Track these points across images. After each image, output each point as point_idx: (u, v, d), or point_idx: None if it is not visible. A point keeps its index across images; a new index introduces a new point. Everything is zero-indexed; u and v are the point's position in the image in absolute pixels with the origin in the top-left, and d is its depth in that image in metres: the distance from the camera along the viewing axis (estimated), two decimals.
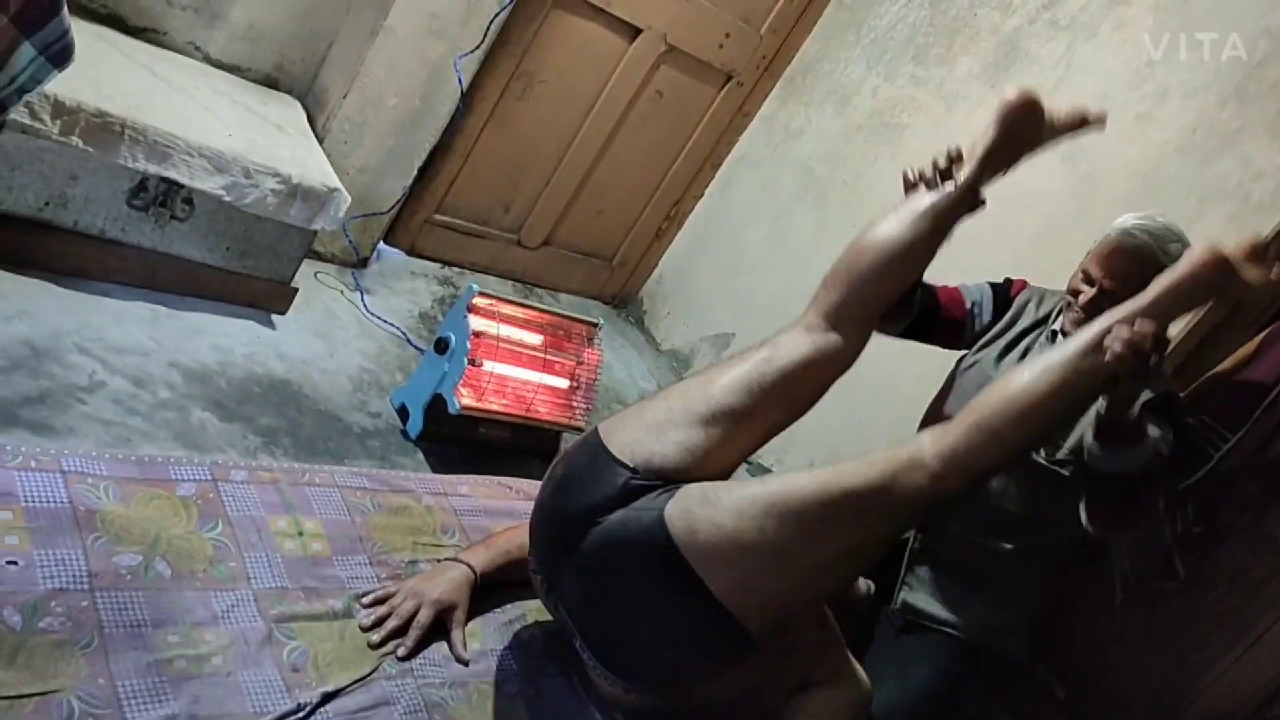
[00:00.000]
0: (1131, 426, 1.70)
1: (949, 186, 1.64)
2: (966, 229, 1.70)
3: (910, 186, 1.70)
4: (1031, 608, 2.02)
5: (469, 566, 1.67)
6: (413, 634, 1.56)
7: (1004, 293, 2.09)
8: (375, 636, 1.54)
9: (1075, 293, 1.90)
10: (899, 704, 1.82)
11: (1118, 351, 1.41)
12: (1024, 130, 1.65)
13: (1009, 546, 1.96)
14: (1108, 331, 1.43)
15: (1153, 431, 1.77)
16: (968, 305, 2.06)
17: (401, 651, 1.54)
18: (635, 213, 3.78)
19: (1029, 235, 2.80)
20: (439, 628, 1.60)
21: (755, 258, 3.66)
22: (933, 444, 1.40)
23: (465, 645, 1.60)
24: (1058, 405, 1.44)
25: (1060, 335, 1.93)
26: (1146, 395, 1.76)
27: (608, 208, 3.68)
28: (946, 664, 1.94)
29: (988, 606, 1.98)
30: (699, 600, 1.39)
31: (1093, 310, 1.79)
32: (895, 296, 1.68)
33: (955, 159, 1.66)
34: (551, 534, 1.54)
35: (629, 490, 1.46)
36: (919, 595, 2.00)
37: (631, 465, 1.48)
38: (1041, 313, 2.03)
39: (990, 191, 1.68)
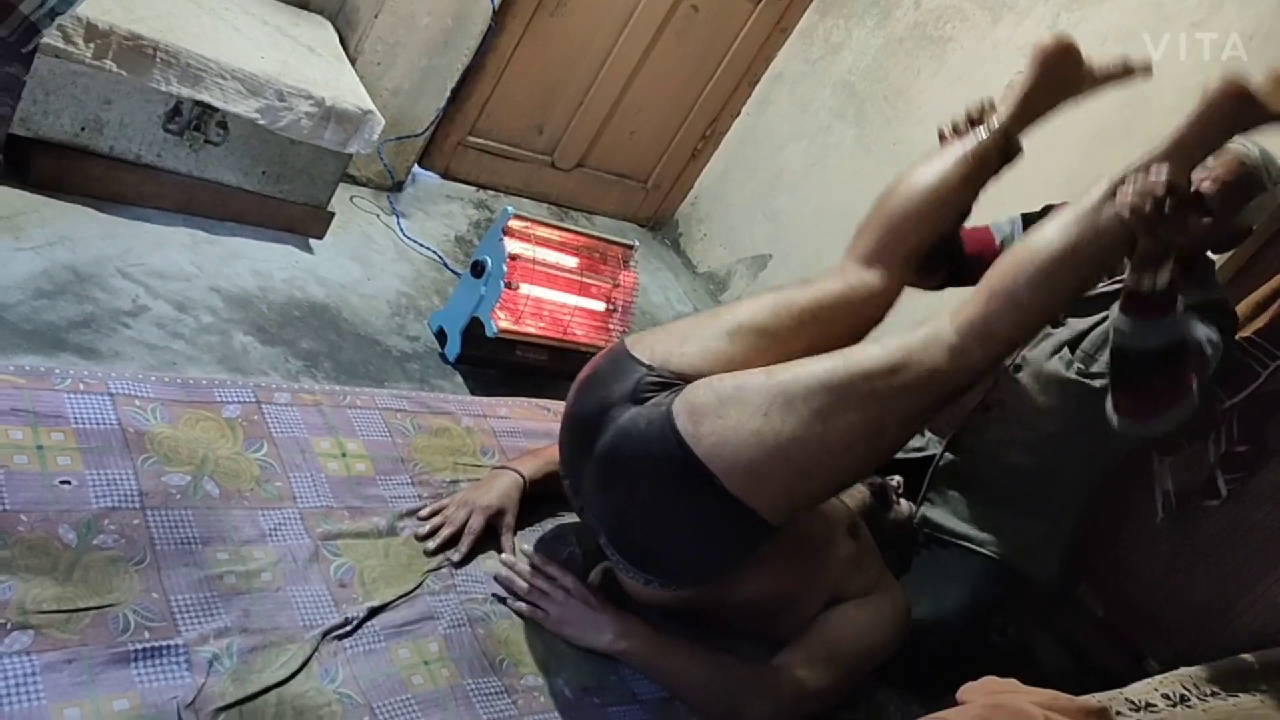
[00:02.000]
0: (1157, 296, 1.57)
1: (980, 134, 1.64)
2: None
3: (945, 139, 1.69)
4: (1061, 527, 2.00)
5: (518, 473, 1.69)
6: (465, 540, 1.58)
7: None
8: (431, 544, 1.56)
9: None
10: (933, 620, 1.82)
11: (1128, 201, 1.32)
12: (1060, 76, 1.63)
13: (1039, 463, 1.94)
14: (1121, 182, 1.35)
15: (1197, 330, 1.69)
16: (997, 243, 1.98)
17: (455, 557, 1.56)
18: (670, 133, 3.73)
19: (1077, 151, 2.73)
20: (491, 534, 1.63)
21: (793, 177, 3.60)
22: (951, 317, 1.38)
23: (515, 550, 1.62)
24: (1075, 265, 1.37)
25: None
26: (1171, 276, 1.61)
27: (642, 128, 3.63)
28: (981, 582, 1.93)
29: (1014, 524, 1.96)
30: (709, 492, 1.38)
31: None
32: (930, 242, 1.64)
33: (987, 108, 1.65)
34: (572, 435, 1.55)
35: (643, 387, 1.47)
36: (939, 510, 1.99)
37: (649, 363, 1.49)
38: None
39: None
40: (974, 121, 1.66)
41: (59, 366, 1.51)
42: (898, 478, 1.94)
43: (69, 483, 1.32)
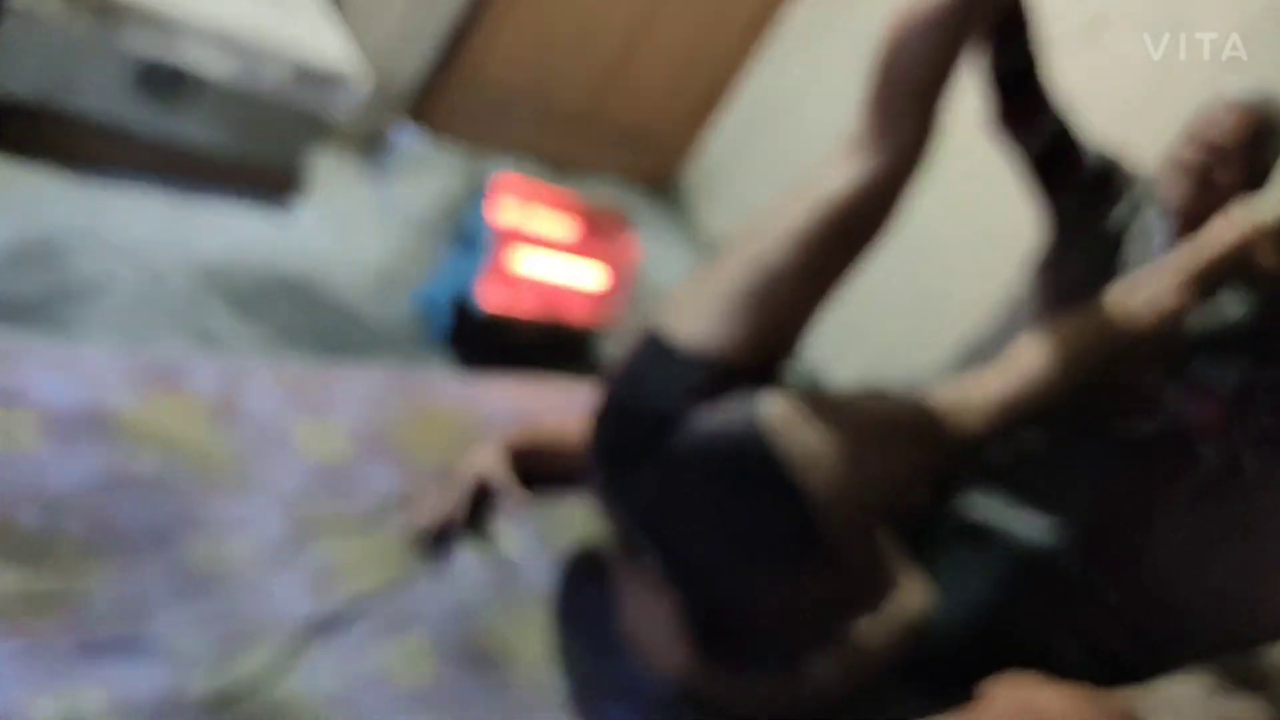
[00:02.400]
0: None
1: None
2: None
3: None
4: (1085, 520, 1.99)
5: (496, 443, 1.67)
6: (459, 513, 1.57)
7: (1111, 173, 1.91)
8: (419, 538, 1.54)
9: (1179, 162, 1.80)
10: (953, 612, 1.80)
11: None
12: None
13: (1064, 456, 1.92)
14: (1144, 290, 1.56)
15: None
16: (1092, 159, 1.89)
17: (449, 542, 1.55)
18: (679, 89, 3.61)
19: (1115, 112, 2.67)
20: (483, 508, 1.61)
21: (810, 136, 3.51)
22: (978, 389, 1.53)
23: (514, 506, 1.61)
24: (1097, 352, 1.57)
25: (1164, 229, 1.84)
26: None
27: (648, 84, 3.52)
28: (1003, 573, 1.94)
29: (1037, 515, 1.96)
30: (789, 508, 1.39)
31: (1201, 175, 1.75)
32: (948, 72, 1.45)
33: None
34: (619, 434, 1.50)
35: (702, 388, 1.42)
36: (962, 500, 1.98)
37: (700, 359, 1.43)
38: (1129, 206, 1.91)
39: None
40: None
41: (26, 342, 1.47)
42: None
43: (35, 463, 1.28)
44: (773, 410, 1.40)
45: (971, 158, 2.24)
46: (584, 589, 1.63)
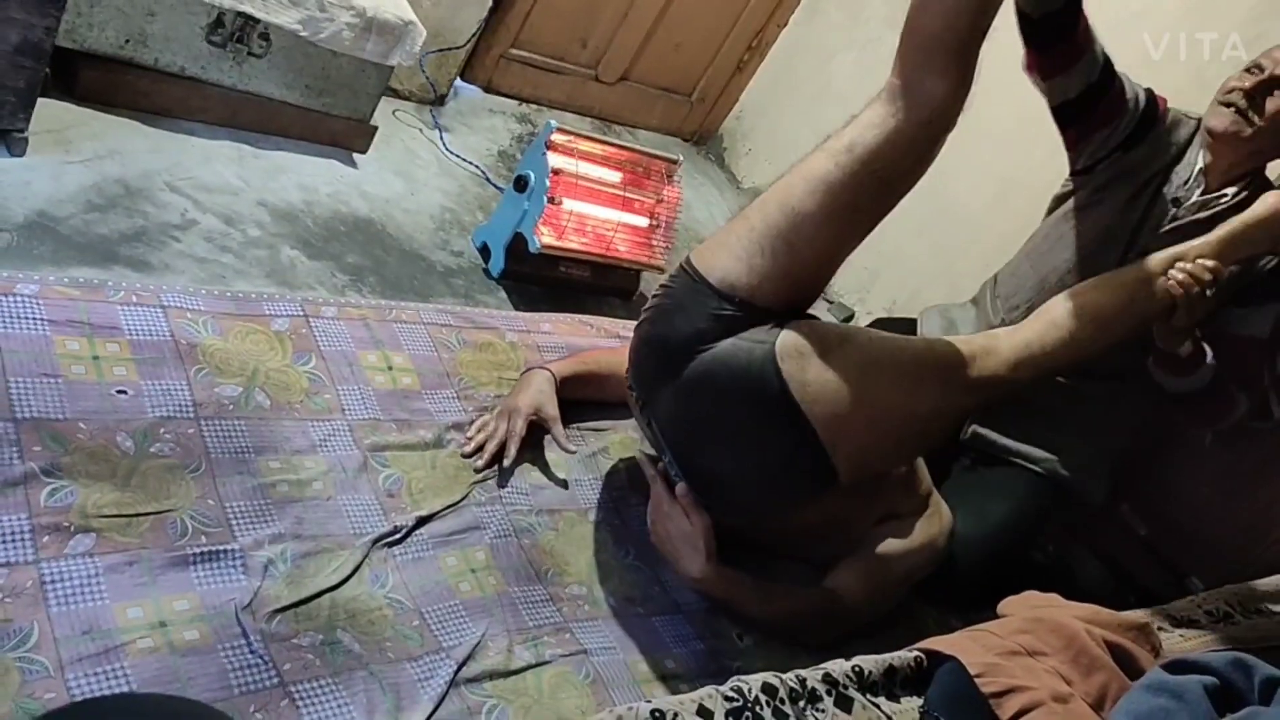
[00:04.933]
0: (1183, 360, 1.80)
1: None
2: None
3: None
4: (1112, 449, 1.98)
5: (546, 370, 1.71)
6: (512, 446, 1.60)
7: (1152, 112, 1.88)
8: (479, 462, 1.59)
9: (1227, 90, 1.79)
10: (975, 536, 1.82)
11: (1178, 279, 1.60)
12: None
13: (1094, 388, 1.92)
14: (1175, 261, 1.62)
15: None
16: (1129, 97, 1.85)
17: (507, 463, 1.59)
18: (715, 44, 3.64)
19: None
20: (537, 435, 1.65)
21: (842, 89, 3.51)
22: (1008, 335, 1.59)
23: (565, 439, 1.64)
24: (1125, 318, 1.65)
25: (1198, 188, 1.86)
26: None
27: (687, 40, 3.55)
28: (1024, 499, 1.93)
29: (1065, 444, 1.95)
30: (796, 436, 1.42)
31: (1251, 101, 1.76)
32: (984, 22, 1.39)
33: None
34: (653, 359, 1.54)
35: (730, 320, 1.45)
36: (988, 428, 1.97)
37: (730, 294, 1.45)
38: (1175, 148, 1.87)
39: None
40: None
41: (112, 279, 1.53)
42: None
43: (125, 392, 1.35)
44: (787, 341, 1.42)
45: (998, 98, 2.19)
46: (626, 507, 1.68)
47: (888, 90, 1.40)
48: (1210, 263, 1.62)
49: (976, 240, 2.92)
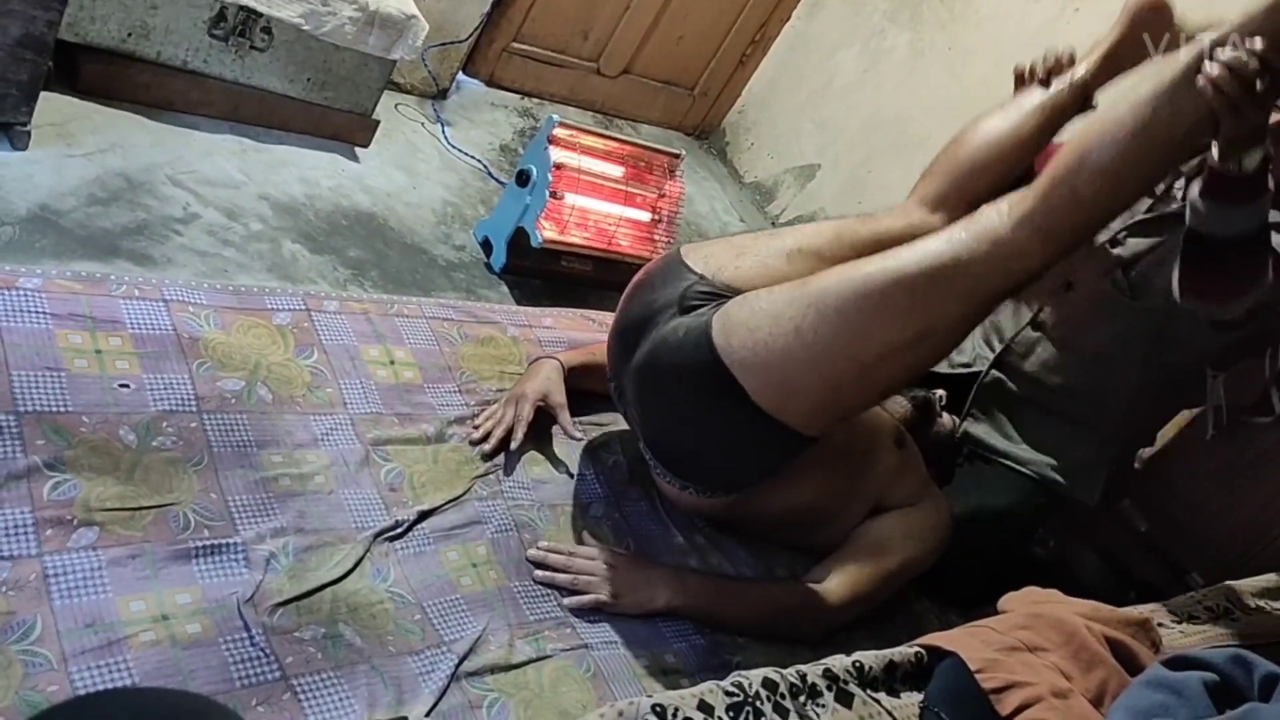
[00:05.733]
0: (1242, 179, 1.35)
1: (1061, 83, 1.61)
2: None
3: (1021, 82, 1.66)
4: (1106, 451, 1.95)
5: (553, 359, 1.71)
6: (519, 430, 1.60)
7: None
8: (486, 447, 1.59)
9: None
10: (973, 533, 1.81)
11: (1214, 77, 1.14)
12: (1149, 33, 1.59)
13: (1086, 385, 1.90)
14: (1208, 54, 1.15)
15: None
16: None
17: (513, 446, 1.59)
18: (718, 38, 3.63)
19: None
20: (543, 423, 1.65)
21: (844, 84, 3.51)
22: (1009, 209, 1.26)
23: (572, 426, 1.63)
24: (1145, 152, 1.21)
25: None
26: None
27: (689, 33, 3.54)
28: (1021, 500, 1.90)
29: (1057, 445, 1.92)
30: (739, 404, 1.38)
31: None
32: (997, 189, 1.53)
33: (1065, 61, 1.63)
34: (619, 339, 1.56)
35: (691, 296, 1.46)
36: (982, 427, 1.96)
37: (700, 273, 1.48)
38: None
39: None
40: (1051, 71, 1.64)
41: (114, 273, 1.54)
42: (941, 391, 1.93)
43: (127, 386, 1.35)
44: (721, 313, 1.40)
45: None
46: (627, 501, 1.68)
47: (901, 207, 1.56)
48: (1255, 43, 1.15)
49: None
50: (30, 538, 1.14)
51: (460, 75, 3.13)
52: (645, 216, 2.69)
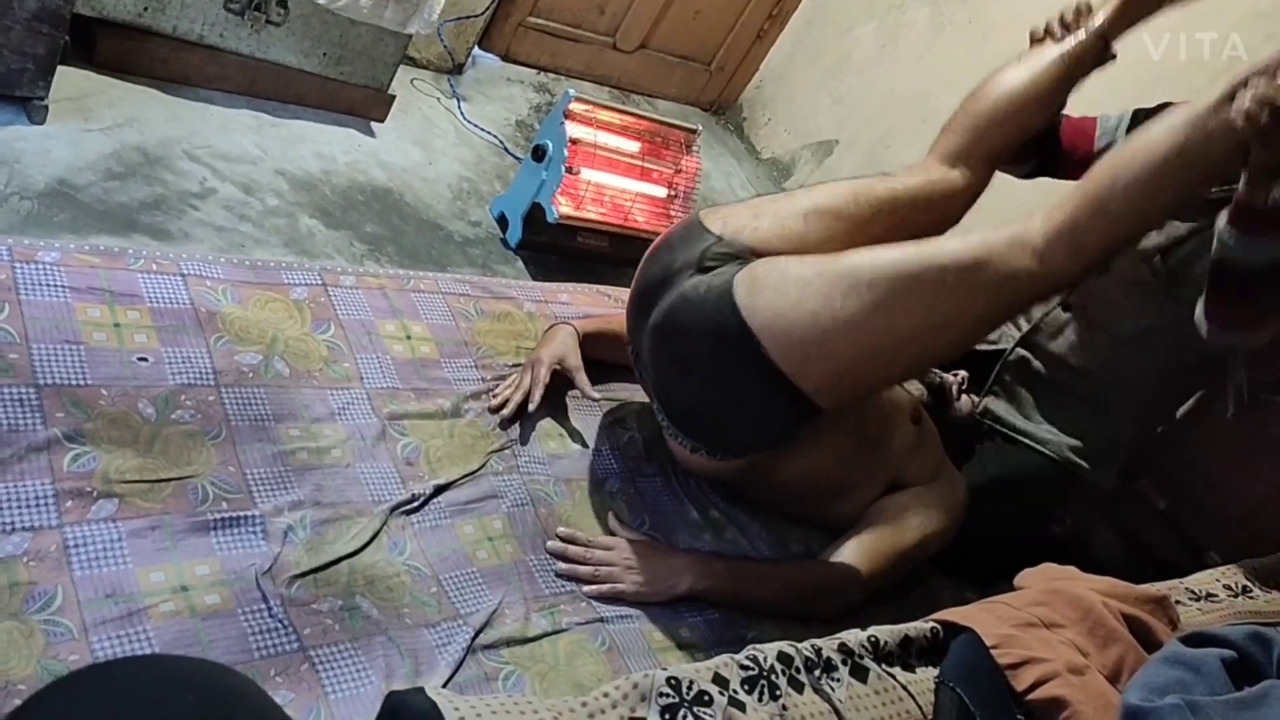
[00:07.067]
0: (1270, 212, 1.39)
1: (1078, 36, 1.61)
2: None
3: (1037, 41, 1.66)
4: (1125, 435, 1.93)
5: (569, 324, 1.72)
6: (536, 392, 1.61)
7: None
8: (506, 413, 1.60)
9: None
10: (990, 510, 1.80)
11: (1245, 107, 1.16)
12: None
13: (1112, 368, 1.88)
14: (1242, 85, 1.17)
15: None
16: (1096, 142, 1.82)
17: (531, 408, 1.60)
18: (735, 12, 3.61)
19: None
20: (560, 387, 1.66)
21: (862, 58, 3.48)
22: (1042, 220, 1.28)
23: (590, 387, 1.63)
24: (1176, 174, 1.23)
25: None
26: None
27: (706, 7, 3.51)
28: (1038, 479, 1.90)
29: (1077, 427, 1.91)
30: (759, 365, 1.38)
31: None
32: (1017, 142, 1.62)
33: (1083, 10, 1.62)
34: (638, 301, 1.56)
35: (710, 256, 1.46)
36: (1002, 404, 1.95)
37: (719, 234, 1.48)
38: None
39: None
40: (1068, 25, 1.63)
41: (132, 247, 1.54)
42: (962, 373, 1.92)
43: (146, 359, 1.36)
44: (746, 272, 1.39)
45: None
46: (642, 476, 1.68)
47: (920, 164, 1.56)
48: None
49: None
50: (51, 509, 1.15)
51: (476, 50, 3.12)
52: (661, 192, 2.68)
